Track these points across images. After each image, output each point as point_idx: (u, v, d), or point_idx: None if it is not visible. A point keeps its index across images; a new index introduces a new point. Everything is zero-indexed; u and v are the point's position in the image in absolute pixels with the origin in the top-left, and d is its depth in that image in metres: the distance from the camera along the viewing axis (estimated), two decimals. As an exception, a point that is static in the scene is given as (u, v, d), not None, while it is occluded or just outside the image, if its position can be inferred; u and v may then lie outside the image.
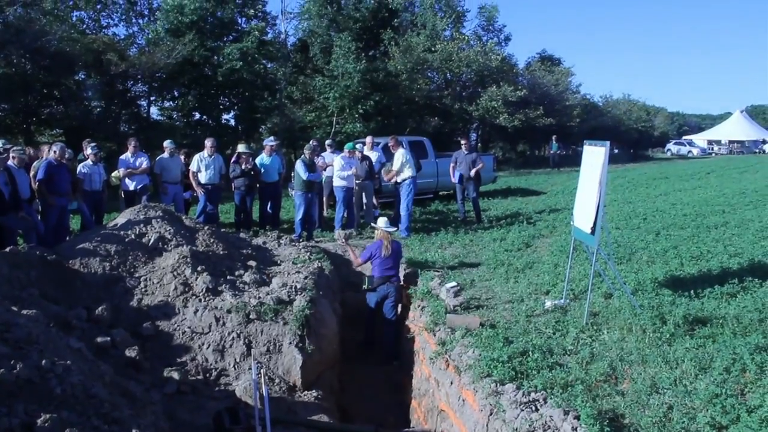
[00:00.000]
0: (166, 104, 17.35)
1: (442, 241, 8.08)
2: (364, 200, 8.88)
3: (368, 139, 10.07)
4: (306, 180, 7.92)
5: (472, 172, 9.40)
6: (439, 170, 11.94)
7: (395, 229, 6.39)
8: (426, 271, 6.32)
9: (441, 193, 13.12)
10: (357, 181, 8.66)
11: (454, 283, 5.51)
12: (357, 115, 18.01)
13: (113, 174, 8.16)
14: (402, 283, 6.07)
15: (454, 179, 9.70)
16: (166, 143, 8.30)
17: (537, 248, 7.51)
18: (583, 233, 4.78)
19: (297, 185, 8.07)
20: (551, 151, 22.16)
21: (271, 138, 9.28)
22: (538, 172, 21.25)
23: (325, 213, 9.80)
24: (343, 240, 6.87)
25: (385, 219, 6.19)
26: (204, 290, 4.96)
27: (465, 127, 24.94)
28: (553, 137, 21.73)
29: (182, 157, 8.68)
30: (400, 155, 8.48)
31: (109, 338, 4.26)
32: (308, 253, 6.59)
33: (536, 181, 17.75)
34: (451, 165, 9.75)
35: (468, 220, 9.56)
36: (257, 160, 8.56)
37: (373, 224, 6.64)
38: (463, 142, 9.76)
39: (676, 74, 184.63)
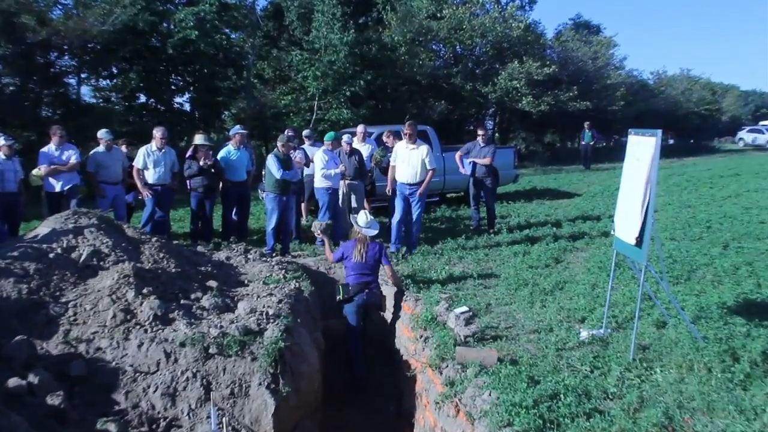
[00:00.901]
0: (102, 83, 17.19)
1: (450, 254, 8.18)
2: (354, 205, 8.97)
3: (359, 129, 10.13)
4: (280, 179, 7.99)
5: (483, 160, 9.50)
6: (447, 167, 12.06)
7: (376, 231, 6.57)
8: (430, 292, 6.37)
9: (449, 195, 13.23)
10: (344, 181, 8.73)
11: (465, 308, 5.57)
12: (344, 99, 18.14)
13: (33, 172, 8.03)
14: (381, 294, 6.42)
15: (464, 169, 9.82)
16: (102, 133, 8.33)
17: (569, 264, 7.59)
18: (628, 246, 4.80)
19: (269, 186, 8.10)
20: (582, 142, 22.06)
21: (239, 127, 9.32)
22: (571, 169, 21.45)
23: (304, 220, 9.85)
24: (320, 232, 7.09)
25: (367, 215, 6.45)
26: (151, 318, 4.93)
27: (479, 114, 25.16)
28: (586, 124, 21.58)
29: (124, 151, 8.72)
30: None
31: (24, 382, 4.12)
32: (283, 271, 6.63)
33: (568, 180, 17.92)
34: (458, 154, 9.91)
35: (483, 229, 9.71)
36: (220, 155, 8.65)
37: (352, 220, 6.84)
38: (480, 132, 9.81)
39: (751, 44, 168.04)
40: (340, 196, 8.83)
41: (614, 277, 5.37)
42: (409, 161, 7.97)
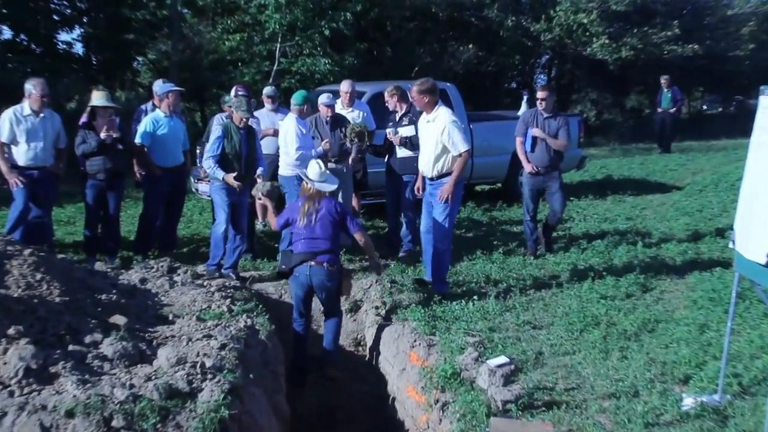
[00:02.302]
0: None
1: (479, 276, 8.22)
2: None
3: (343, 87, 10.09)
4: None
5: (557, 142, 9.06)
6: (474, 145, 11.92)
7: (334, 186, 7.01)
8: (450, 335, 6.38)
9: (478, 187, 13.41)
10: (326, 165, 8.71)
11: (503, 359, 5.59)
12: (320, 41, 18.16)
13: None
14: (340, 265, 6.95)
15: (531, 166, 9.23)
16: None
17: (664, 294, 7.61)
18: (757, 267, 4.75)
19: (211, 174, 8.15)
20: (659, 109, 20.79)
21: (166, 83, 9.26)
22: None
23: (260, 224, 9.90)
24: (262, 196, 7.51)
25: (320, 165, 6.94)
26: (20, 374, 4.85)
27: (527, 65, 25.16)
28: (663, 80, 20.23)
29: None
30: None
31: None
32: (228, 301, 6.64)
33: (662, 164, 17.90)
34: (518, 139, 9.37)
35: (539, 254, 9.37)
36: (144, 125, 8.70)
37: (301, 174, 7.29)
38: (541, 95, 9.36)
39: None
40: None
41: (735, 314, 5.30)
42: (425, 143, 7.83)
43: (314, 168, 6.97)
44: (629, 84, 28.33)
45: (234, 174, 7.81)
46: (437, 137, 7.51)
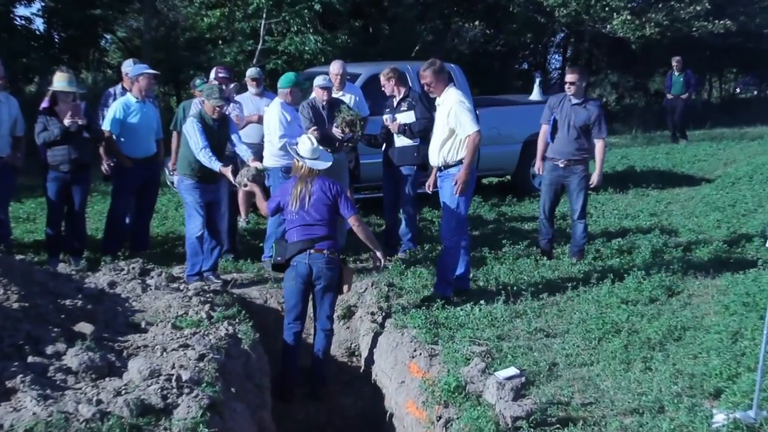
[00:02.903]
0: None
1: (487, 278, 8.26)
2: None
3: (333, 68, 9.96)
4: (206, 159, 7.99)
5: (598, 146, 8.84)
6: (482, 132, 11.88)
7: (328, 164, 7.02)
8: (454, 343, 6.38)
9: (485, 180, 13.31)
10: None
11: (513, 371, 5.56)
12: (309, 17, 18.15)
13: None
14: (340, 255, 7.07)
15: (538, 166, 9.33)
16: None
17: (692, 299, 7.60)
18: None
19: (185, 167, 8.13)
20: (668, 95, 20.56)
21: (138, 65, 9.25)
22: (698, 135, 21.36)
23: (242, 221, 9.89)
24: (248, 182, 7.44)
25: (312, 140, 6.97)
26: (-26, 388, 4.85)
27: (539, 43, 25.10)
28: (674, 62, 20.24)
29: None
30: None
31: None
32: (207, 307, 6.64)
33: (690, 154, 17.89)
34: (543, 127, 9.21)
35: (554, 254, 9.39)
36: (112, 111, 8.67)
37: (291, 150, 7.29)
38: (570, 78, 9.11)
39: None
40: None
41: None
42: (435, 128, 7.91)
43: (306, 144, 6.94)
44: (653, 65, 28.33)
45: (230, 167, 7.76)
46: (444, 120, 7.58)
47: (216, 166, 7.69)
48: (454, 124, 7.47)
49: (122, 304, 6.66)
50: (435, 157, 7.74)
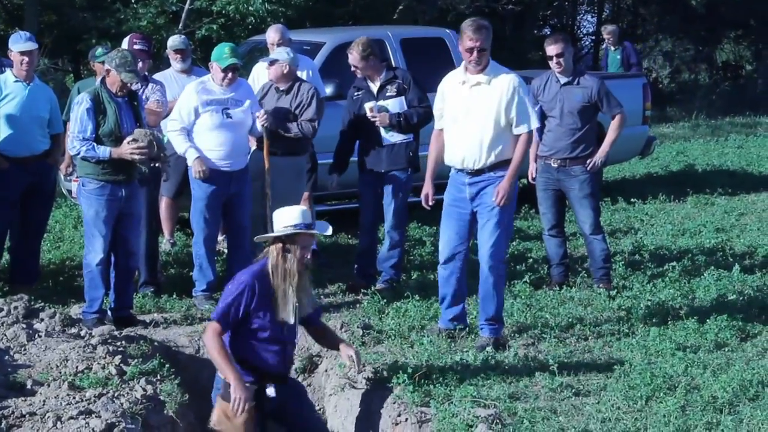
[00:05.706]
0: None
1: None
2: (269, 202, 8.60)
3: (271, 36, 9.67)
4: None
5: (612, 128, 8.60)
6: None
7: (329, 232, 5.84)
8: (452, 405, 5.79)
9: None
10: (264, 153, 8.34)
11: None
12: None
13: None
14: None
15: (531, 170, 8.89)
16: None
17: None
18: None
19: (85, 167, 7.59)
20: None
21: (27, 36, 8.67)
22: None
23: (166, 242, 9.66)
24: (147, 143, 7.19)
25: (302, 210, 5.51)
26: None
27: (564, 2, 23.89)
28: (606, 33, 19.05)
29: None
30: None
31: None
32: (117, 358, 6.28)
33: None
34: (533, 149, 8.76)
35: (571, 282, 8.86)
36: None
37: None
38: (555, 49, 8.52)
39: None
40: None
41: None
42: (466, 116, 7.07)
43: (295, 211, 5.49)
44: (722, 28, 27.09)
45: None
46: (494, 107, 6.97)
47: (103, 152, 7.25)
48: (513, 114, 6.96)
49: (1, 357, 6.31)
50: (480, 157, 7.04)
